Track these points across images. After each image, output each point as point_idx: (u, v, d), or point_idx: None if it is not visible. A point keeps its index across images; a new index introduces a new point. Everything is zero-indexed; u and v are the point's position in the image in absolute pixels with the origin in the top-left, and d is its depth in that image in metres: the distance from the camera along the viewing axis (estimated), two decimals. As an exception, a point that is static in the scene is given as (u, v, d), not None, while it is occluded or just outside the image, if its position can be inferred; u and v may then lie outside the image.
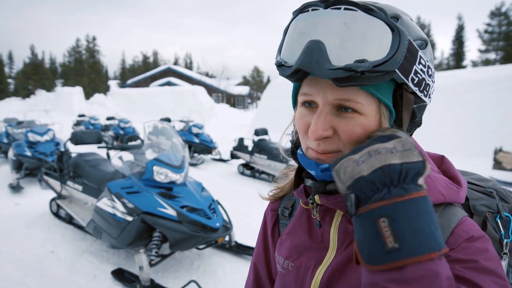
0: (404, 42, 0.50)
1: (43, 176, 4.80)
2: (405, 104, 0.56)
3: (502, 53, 32.84)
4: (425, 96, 0.59)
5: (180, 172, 3.41)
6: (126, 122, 12.46)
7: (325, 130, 0.55)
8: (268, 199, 0.84)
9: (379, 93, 0.54)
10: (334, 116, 0.56)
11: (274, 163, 7.00)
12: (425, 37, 0.58)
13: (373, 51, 0.50)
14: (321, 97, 0.55)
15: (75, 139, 4.38)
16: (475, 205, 0.63)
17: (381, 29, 0.50)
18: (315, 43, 0.51)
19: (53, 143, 6.96)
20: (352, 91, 0.53)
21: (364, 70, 0.48)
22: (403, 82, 0.54)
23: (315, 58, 0.50)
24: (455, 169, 0.66)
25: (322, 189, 0.62)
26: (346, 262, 0.63)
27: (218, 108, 25.01)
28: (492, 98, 10.17)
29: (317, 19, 0.53)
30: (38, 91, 33.76)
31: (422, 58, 0.55)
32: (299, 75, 0.55)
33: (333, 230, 0.67)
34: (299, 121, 0.61)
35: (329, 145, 0.57)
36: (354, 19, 0.50)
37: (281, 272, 0.74)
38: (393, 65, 0.49)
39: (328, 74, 0.50)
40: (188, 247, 3.07)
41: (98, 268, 3.32)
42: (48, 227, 4.34)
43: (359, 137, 0.55)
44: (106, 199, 3.33)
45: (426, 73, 0.57)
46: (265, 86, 37.97)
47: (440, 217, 0.57)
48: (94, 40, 50.97)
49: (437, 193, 0.59)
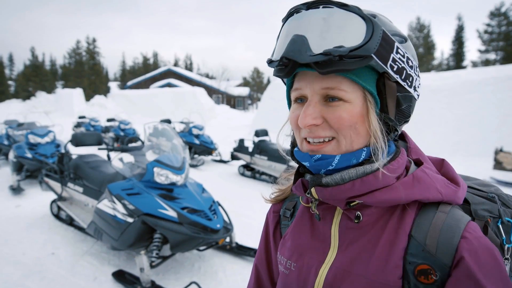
0: (377, 31, 0.55)
1: (43, 177, 4.80)
2: (388, 92, 0.60)
3: (502, 53, 32.85)
4: (410, 87, 0.62)
5: (181, 173, 3.41)
6: (126, 124, 12.46)
7: (314, 118, 0.60)
8: (270, 201, 0.86)
9: (362, 80, 0.58)
10: (322, 106, 0.60)
11: (274, 164, 7.00)
12: (404, 34, 0.63)
13: (349, 39, 0.55)
14: (309, 88, 0.61)
15: (75, 141, 4.38)
16: (477, 210, 0.64)
17: (356, 20, 0.56)
18: (298, 36, 0.57)
19: (54, 145, 6.97)
20: (336, 79, 0.58)
21: (341, 54, 0.53)
22: (384, 71, 0.58)
23: (297, 47, 0.56)
24: (455, 172, 0.68)
25: (318, 182, 0.64)
26: (349, 262, 0.64)
27: (218, 109, 25.04)
28: (492, 98, 10.16)
29: (300, 19, 0.59)
30: (39, 93, 33.78)
31: (399, 48, 0.59)
32: (287, 69, 0.60)
33: (334, 227, 0.68)
34: (291, 116, 0.66)
35: (321, 132, 0.61)
36: (331, 14, 0.57)
37: (283, 273, 0.74)
38: (368, 50, 0.54)
39: (309, 59, 0.55)
40: (189, 248, 3.07)
41: (98, 269, 3.32)
42: (48, 229, 4.34)
43: (347, 123, 0.59)
44: (107, 201, 3.33)
45: (406, 63, 0.60)
46: (265, 87, 38.01)
47: (449, 217, 0.59)
48: (94, 41, 51.09)
49: (435, 190, 0.61)
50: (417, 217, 0.61)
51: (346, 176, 0.62)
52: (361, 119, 0.60)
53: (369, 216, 0.64)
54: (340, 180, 0.62)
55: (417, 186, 0.61)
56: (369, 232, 0.64)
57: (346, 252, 0.65)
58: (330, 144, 0.61)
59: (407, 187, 0.60)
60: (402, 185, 0.61)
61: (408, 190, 0.60)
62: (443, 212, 0.60)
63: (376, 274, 0.60)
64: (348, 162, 0.61)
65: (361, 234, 0.64)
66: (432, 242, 0.57)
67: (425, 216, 0.60)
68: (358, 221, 0.64)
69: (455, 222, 0.58)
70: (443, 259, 0.56)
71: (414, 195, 0.60)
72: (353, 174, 0.61)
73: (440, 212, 0.60)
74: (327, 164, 0.61)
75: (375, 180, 0.60)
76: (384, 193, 0.60)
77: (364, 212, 0.64)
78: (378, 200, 0.60)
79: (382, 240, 0.61)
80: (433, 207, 0.61)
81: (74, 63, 50.84)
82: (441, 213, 0.60)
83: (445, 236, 0.57)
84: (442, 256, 0.56)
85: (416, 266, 0.58)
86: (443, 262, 0.56)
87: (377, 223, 0.64)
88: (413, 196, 0.60)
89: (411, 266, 0.58)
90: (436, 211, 0.60)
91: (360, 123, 0.60)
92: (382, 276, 0.59)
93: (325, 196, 0.63)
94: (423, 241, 0.58)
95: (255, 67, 61.04)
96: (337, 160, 0.61)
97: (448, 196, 0.61)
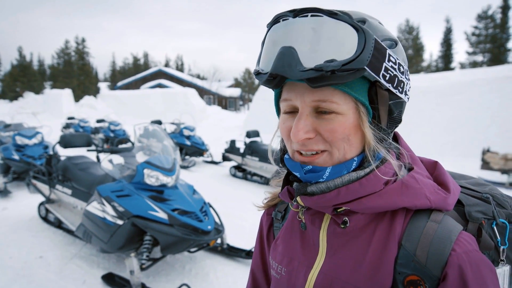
0: (370, 41, 0.53)
1: (31, 180, 4.72)
2: (380, 101, 0.58)
3: (489, 55, 33.46)
4: (401, 93, 0.61)
5: (171, 175, 3.39)
6: (116, 125, 12.33)
7: (307, 132, 0.58)
8: (262, 207, 0.85)
9: (353, 91, 0.56)
10: (314, 118, 0.59)
11: (266, 165, 7.01)
12: (394, 38, 0.61)
13: (341, 51, 0.53)
14: (300, 100, 0.58)
15: (64, 142, 4.31)
16: (471, 212, 0.62)
17: (347, 31, 0.53)
18: (287, 48, 0.54)
19: (42, 146, 6.86)
20: (328, 91, 0.56)
21: (333, 69, 0.51)
22: (376, 80, 0.56)
23: (287, 62, 0.54)
24: (447, 175, 0.66)
25: (303, 191, 0.63)
26: (337, 268, 0.63)
27: (209, 110, 24.97)
28: (479, 99, 10.35)
29: (288, 28, 0.56)
30: (26, 94, 33.17)
31: (391, 56, 0.57)
32: (275, 82, 0.59)
33: (322, 233, 0.67)
34: (282, 127, 0.64)
35: (314, 145, 0.59)
36: (321, 24, 0.54)
37: (275, 277, 0.74)
38: (361, 63, 0.52)
39: (300, 75, 0.53)
40: (180, 250, 3.05)
41: (88, 273, 3.27)
42: (36, 232, 4.26)
43: (341, 136, 0.58)
44: (96, 203, 3.28)
45: (398, 70, 0.59)
46: (256, 88, 38.02)
47: (440, 228, 0.57)
48: (84, 41, 50.40)
49: (423, 197, 0.59)
50: (408, 226, 0.60)
51: (332, 184, 0.61)
52: (354, 130, 0.58)
53: (356, 221, 0.63)
54: (326, 188, 0.61)
55: (405, 192, 0.59)
56: (357, 238, 0.63)
57: (333, 257, 0.64)
58: (322, 155, 0.60)
59: (394, 193, 0.59)
60: (389, 191, 0.59)
61: (395, 197, 0.59)
62: (435, 222, 0.58)
63: (365, 282, 0.59)
64: (339, 174, 0.60)
65: (349, 241, 0.64)
66: (423, 253, 0.56)
67: (416, 225, 0.59)
68: (344, 226, 0.64)
69: (447, 234, 0.56)
70: (433, 271, 0.55)
71: (402, 202, 0.59)
72: (339, 182, 0.61)
73: (432, 222, 0.58)
74: (318, 176, 0.61)
75: (361, 188, 0.59)
76: (371, 199, 0.59)
77: (351, 217, 0.63)
78: (365, 206, 0.60)
79: (371, 248, 0.60)
80: (424, 215, 0.60)
81: (62, 63, 50.05)
82: (432, 222, 0.58)
83: (436, 248, 0.55)
84: (432, 267, 0.55)
85: (406, 276, 0.57)
86: (432, 273, 0.55)
87: (365, 229, 0.63)
88: (400, 203, 0.59)
89: (400, 277, 0.57)
90: (427, 220, 0.59)
91: (353, 135, 0.58)
92: (370, 284, 0.58)
93: (311, 204, 0.63)
94: (413, 251, 0.57)
95: (246, 68, 61.16)
96: (328, 173, 0.60)
97: (436, 203, 0.60)
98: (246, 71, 60.95)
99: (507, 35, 32.03)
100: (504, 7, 31.68)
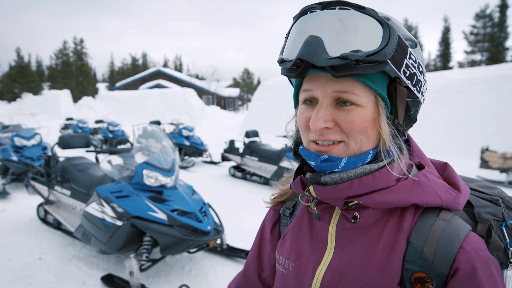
0: (394, 36, 0.55)
1: (30, 181, 4.71)
2: (399, 97, 0.60)
3: (487, 54, 33.51)
4: (418, 92, 0.62)
5: (171, 175, 3.38)
6: (115, 125, 12.30)
7: (326, 122, 0.58)
8: (270, 202, 0.86)
9: (375, 84, 0.58)
10: (334, 109, 0.59)
11: (265, 165, 7.00)
12: (414, 39, 0.62)
13: (366, 43, 0.54)
14: (321, 91, 0.59)
15: (62, 143, 4.29)
16: (480, 213, 0.63)
17: (373, 24, 0.55)
18: (314, 37, 0.55)
19: (40, 148, 6.84)
20: (349, 83, 0.57)
21: (358, 59, 0.52)
22: (396, 75, 0.57)
23: (313, 49, 0.55)
24: (457, 176, 0.67)
25: (317, 180, 0.63)
26: (346, 264, 0.63)
27: (208, 110, 24.91)
28: (478, 98, 10.37)
29: (315, 19, 0.58)
30: (25, 94, 33.06)
31: (412, 54, 0.59)
32: (299, 70, 0.59)
33: (332, 228, 0.68)
34: (300, 117, 0.64)
35: (331, 135, 0.60)
36: (348, 16, 0.55)
37: (282, 272, 0.74)
38: (384, 55, 0.54)
39: (325, 63, 0.54)
40: (179, 251, 3.04)
41: (87, 274, 3.26)
42: (35, 233, 4.25)
43: (359, 127, 0.58)
44: (95, 204, 3.27)
45: (417, 69, 0.60)
46: (255, 88, 38.01)
47: (449, 226, 0.58)
48: (82, 42, 50.29)
49: (435, 195, 0.60)
50: (417, 223, 0.60)
51: (345, 175, 0.61)
52: (372, 124, 0.59)
53: (367, 217, 0.64)
54: (339, 179, 0.62)
55: (416, 189, 0.60)
56: (366, 234, 0.63)
57: (342, 253, 0.65)
58: (338, 146, 0.60)
59: (406, 190, 0.60)
60: (401, 187, 0.60)
61: (407, 193, 0.60)
62: (444, 220, 0.59)
63: (373, 278, 0.59)
64: (354, 165, 0.61)
65: (358, 236, 0.64)
66: (430, 250, 0.57)
67: (425, 223, 0.60)
68: (354, 221, 0.64)
69: (455, 232, 0.57)
70: (440, 268, 0.55)
71: (412, 198, 0.59)
72: (352, 174, 0.61)
73: (441, 220, 0.59)
74: (334, 166, 0.61)
75: (374, 181, 0.60)
76: (382, 194, 0.60)
77: (362, 213, 0.64)
78: (376, 201, 0.60)
79: (380, 244, 0.61)
80: (434, 213, 0.61)
81: (61, 64, 49.94)
82: (441, 221, 0.59)
83: (444, 245, 0.56)
84: (440, 265, 0.55)
85: (413, 273, 0.57)
86: (440, 271, 0.55)
87: (375, 225, 0.63)
88: (411, 199, 0.60)
89: (407, 273, 0.58)
90: (436, 218, 0.60)
91: (370, 128, 0.59)
92: (379, 280, 0.59)
93: (323, 194, 0.63)
94: (420, 248, 0.57)
95: (245, 68, 61.14)
96: (344, 163, 0.60)
97: (448, 202, 0.60)
98: (245, 71, 60.90)
99: (505, 34, 32.08)
100: (502, 6, 31.73)
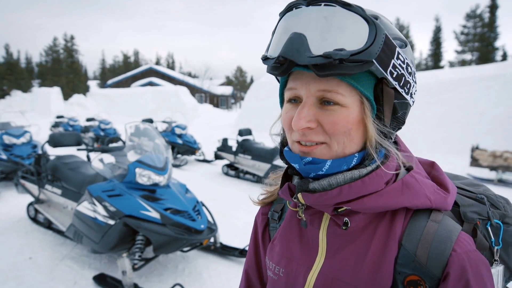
0: (380, 35, 0.53)
1: (19, 180, 4.64)
2: (385, 99, 0.58)
3: (478, 54, 33.95)
4: (407, 94, 0.60)
5: (163, 174, 3.36)
6: (107, 123, 12.17)
7: (309, 121, 0.57)
8: (258, 203, 0.84)
9: (360, 85, 0.56)
10: (317, 109, 0.58)
11: (258, 163, 7.00)
12: (404, 39, 0.60)
13: (351, 42, 0.52)
14: (305, 89, 0.58)
15: (53, 141, 4.24)
16: (466, 212, 0.63)
17: (359, 22, 0.53)
18: (297, 34, 0.54)
19: (30, 146, 6.76)
20: (334, 82, 0.56)
21: (342, 58, 0.51)
22: (383, 76, 0.56)
23: (296, 47, 0.53)
24: (445, 175, 0.67)
25: (305, 187, 0.62)
26: (338, 269, 0.63)
27: (201, 108, 24.83)
28: (468, 97, 10.51)
29: (300, 15, 0.56)
30: (14, 92, 32.63)
31: (400, 54, 0.57)
32: (282, 68, 0.57)
33: (322, 233, 0.67)
34: (284, 116, 0.63)
35: (314, 136, 0.58)
36: (333, 13, 0.54)
37: (272, 278, 0.73)
38: (369, 55, 0.52)
39: (307, 61, 0.52)
40: (173, 250, 3.03)
41: (79, 273, 3.23)
42: (25, 233, 4.19)
43: (342, 129, 0.57)
44: (87, 203, 3.24)
45: (406, 70, 0.59)
46: (248, 86, 37.97)
47: (440, 228, 0.58)
48: (72, 39, 49.55)
49: (424, 197, 0.59)
50: (408, 225, 0.60)
51: (334, 181, 0.60)
52: (356, 125, 0.58)
53: (357, 222, 0.63)
54: (328, 185, 0.60)
55: (406, 192, 0.59)
56: (357, 239, 0.63)
57: (334, 258, 0.64)
58: (321, 147, 0.59)
59: (396, 193, 0.59)
60: (391, 191, 0.59)
61: (397, 197, 0.59)
62: (435, 222, 0.59)
63: (366, 283, 0.59)
64: (338, 168, 0.60)
65: (349, 241, 0.63)
66: (423, 253, 0.56)
67: (416, 225, 0.59)
68: (346, 228, 0.63)
69: (447, 234, 0.57)
70: (433, 271, 0.55)
71: (403, 201, 0.59)
72: (341, 180, 0.60)
73: (432, 222, 0.59)
74: (317, 169, 0.60)
75: (363, 186, 0.58)
76: (372, 199, 0.59)
77: (352, 218, 0.63)
78: (367, 206, 0.59)
79: (371, 248, 0.60)
80: (424, 215, 0.60)
81: (51, 61, 49.21)
82: (432, 222, 0.59)
83: (436, 248, 0.56)
84: (433, 267, 0.55)
85: (406, 276, 0.57)
86: (433, 273, 0.55)
87: (366, 229, 0.63)
88: (402, 203, 0.59)
89: (400, 277, 0.58)
90: (427, 220, 0.59)
91: (355, 129, 0.58)
92: (372, 285, 0.58)
93: (312, 202, 0.62)
94: (413, 251, 0.57)
95: (238, 66, 61.05)
96: (328, 166, 0.59)
97: (437, 203, 0.60)
98: (237, 69, 60.82)
99: (495, 34, 32.57)
100: (492, 6, 32.18)
